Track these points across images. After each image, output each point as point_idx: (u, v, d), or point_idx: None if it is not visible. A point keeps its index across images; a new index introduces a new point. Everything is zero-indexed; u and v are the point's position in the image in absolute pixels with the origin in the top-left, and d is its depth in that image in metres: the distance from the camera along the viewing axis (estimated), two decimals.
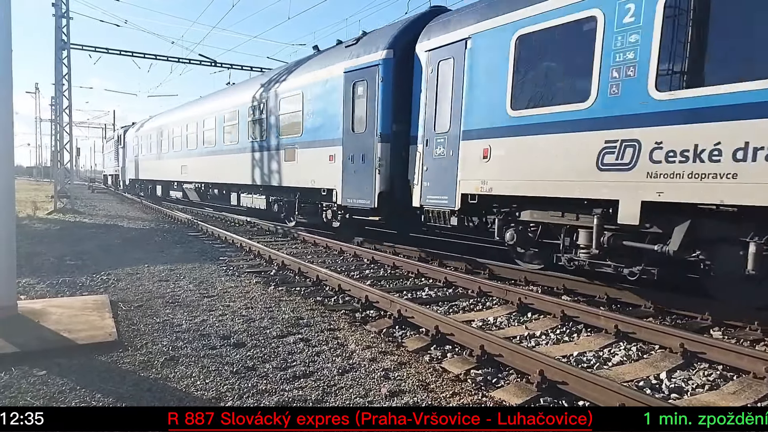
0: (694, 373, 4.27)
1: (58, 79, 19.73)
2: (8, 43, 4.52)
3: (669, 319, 5.91)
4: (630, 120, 5.61)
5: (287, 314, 5.46)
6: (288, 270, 8.25)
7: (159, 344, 4.34)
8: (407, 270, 8.32)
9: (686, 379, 4.14)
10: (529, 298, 6.18)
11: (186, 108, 21.77)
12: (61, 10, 19.19)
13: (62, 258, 8.56)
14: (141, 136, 26.80)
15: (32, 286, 6.41)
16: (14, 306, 4.74)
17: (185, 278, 7.26)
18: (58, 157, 20.95)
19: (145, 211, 20.87)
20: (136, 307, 5.56)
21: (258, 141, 14.00)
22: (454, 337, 4.77)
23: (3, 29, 4.45)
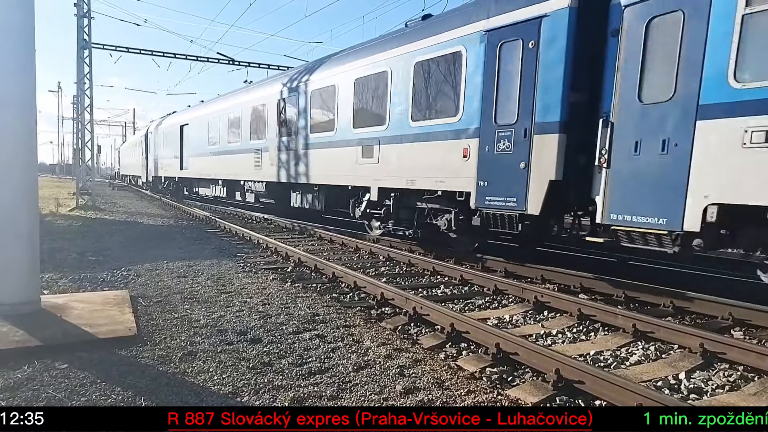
0: (714, 374, 4.20)
1: (80, 77, 20.09)
2: (31, 43, 4.61)
3: (688, 318, 5.83)
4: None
5: (303, 310, 5.50)
6: (304, 267, 8.31)
7: (177, 339, 4.41)
8: (423, 267, 8.32)
9: (706, 379, 4.09)
10: (545, 296, 6.14)
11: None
12: (83, 10, 19.52)
13: (84, 254, 8.72)
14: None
15: (55, 281, 6.55)
16: (38, 301, 4.85)
17: (203, 274, 7.34)
18: (80, 154, 21.33)
19: (164, 208, 21.14)
20: (155, 303, 5.64)
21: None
22: (469, 335, 4.76)
23: (26, 30, 4.54)
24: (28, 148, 4.65)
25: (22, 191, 4.59)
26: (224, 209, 20.23)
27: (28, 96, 4.59)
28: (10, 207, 4.52)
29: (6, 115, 4.44)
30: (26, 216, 4.64)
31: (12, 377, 3.46)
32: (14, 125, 4.49)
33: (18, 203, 4.56)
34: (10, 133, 4.47)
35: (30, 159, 4.69)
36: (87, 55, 20.00)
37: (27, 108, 4.59)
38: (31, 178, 4.71)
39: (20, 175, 4.56)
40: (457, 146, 8.23)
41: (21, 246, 4.60)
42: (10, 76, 4.44)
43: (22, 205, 4.59)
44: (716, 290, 6.16)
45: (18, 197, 4.55)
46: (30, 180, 4.70)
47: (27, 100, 4.58)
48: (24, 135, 4.58)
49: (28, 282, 4.71)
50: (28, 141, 4.66)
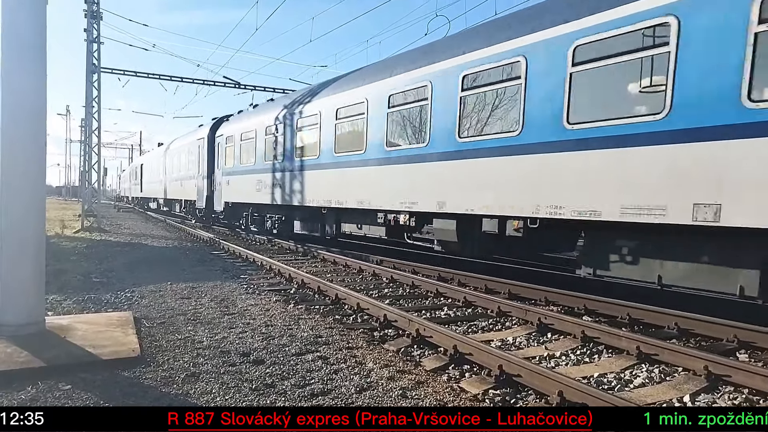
0: (719, 397, 4.16)
1: (89, 101, 20.40)
2: (43, 64, 4.72)
3: (693, 340, 5.79)
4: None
5: (306, 332, 5.50)
6: (307, 288, 8.31)
7: (180, 360, 4.41)
8: (426, 289, 8.31)
9: (710, 402, 4.05)
10: (549, 318, 6.12)
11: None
12: (93, 36, 19.92)
13: (88, 275, 8.76)
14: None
15: (59, 302, 6.57)
16: (42, 322, 4.87)
17: (207, 296, 7.36)
18: (86, 177, 21.53)
19: (168, 230, 21.23)
20: (158, 324, 5.66)
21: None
22: (472, 357, 4.74)
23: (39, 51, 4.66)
24: (37, 170, 4.74)
25: (30, 213, 4.65)
26: (222, 230, 20.26)
27: (40, 118, 4.70)
28: (18, 228, 4.58)
29: (17, 136, 4.53)
30: (33, 237, 4.70)
31: (16, 398, 3.47)
32: (25, 146, 4.58)
33: (26, 224, 4.62)
34: (21, 153, 4.56)
35: (39, 180, 4.77)
36: (96, 79, 20.34)
37: (38, 130, 4.69)
38: (39, 200, 4.78)
39: (29, 197, 4.63)
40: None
41: (27, 267, 4.64)
42: (23, 96, 4.55)
43: (29, 226, 4.65)
44: (721, 312, 6.13)
45: (26, 218, 4.62)
46: (38, 202, 4.77)
47: (38, 122, 4.69)
48: (34, 156, 4.67)
49: (33, 303, 4.74)
50: (38, 163, 4.75)
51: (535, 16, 7.55)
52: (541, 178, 7.09)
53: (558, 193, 6.86)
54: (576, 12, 6.73)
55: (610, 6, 6.31)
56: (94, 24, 19.81)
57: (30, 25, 4.59)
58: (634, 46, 6.07)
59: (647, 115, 5.95)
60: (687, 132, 5.57)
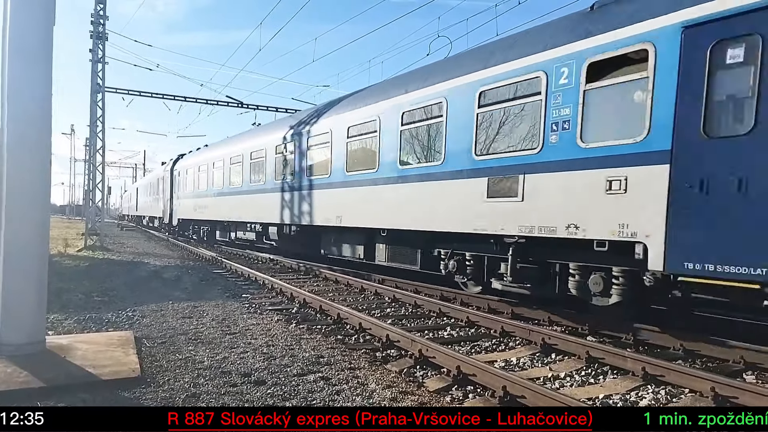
0: None
1: (93, 120, 20.59)
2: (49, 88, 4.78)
3: (699, 361, 5.72)
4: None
5: (308, 352, 5.46)
6: (309, 308, 8.26)
7: (181, 381, 4.37)
8: (429, 309, 8.25)
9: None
10: (552, 338, 6.07)
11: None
12: (98, 56, 20.17)
13: (90, 294, 8.73)
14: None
15: (60, 321, 6.55)
16: (43, 341, 4.84)
17: (208, 315, 7.32)
18: (90, 195, 21.61)
19: (170, 248, 21.23)
20: (159, 344, 5.62)
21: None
22: (476, 378, 4.69)
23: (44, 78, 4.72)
24: (42, 189, 4.77)
25: (34, 233, 4.67)
26: (225, 248, 20.26)
27: (45, 137, 4.74)
28: (21, 248, 4.58)
29: (24, 158, 4.58)
30: (36, 257, 4.70)
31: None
32: (32, 167, 4.62)
33: (29, 245, 4.63)
34: (27, 174, 4.59)
35: (44, 200, 4.80)
36: (100, 98, 20.55)
37: (43, 151, 4.73)
38: (43, 221, 4.80)
39: (33, 217, 4.64)
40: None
41: (29, 287, 4.64)
42: (29, 116, 4.60)
43: (33, 246, 4.67)
44: (726, 333, 6.06)
45: (30, 239, 4.63)
46: (42, 222, 4.78)
47: (43, 144, 4.72)
48: (39, 176, 4.70)
49: (34, 322, 4.73)
50: (43, 182, 4.78)
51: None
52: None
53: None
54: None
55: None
56: (100, 45, 20.08)
57: (38, 46, 4.66)
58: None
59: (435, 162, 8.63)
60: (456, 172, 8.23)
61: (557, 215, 6.61)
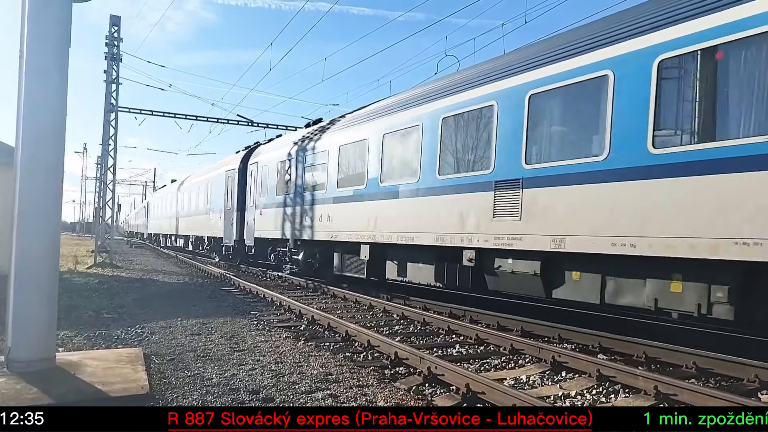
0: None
1: (105, 139, 20.84)
2: (63, 107, 4.87)
3: (713, 380, 5.63)
4: None
5: (316, 369, 5.44)
6: (318, 325, 8.25)
7: (189, 398, 4.37)
8: (438, 326, 8.21)
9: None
10: (563, 356, 6.01)
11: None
12: (112, 77, 20.51)
13: (99, 311, 8.77)
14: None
15: (70, 338, 6.58)
16: (53, 358, 4.86)
17: (216, 332, 7.33)
18: (101, 213, 21.81)
19: (179, 266, 21.31)
20: (168, 361, 5.62)
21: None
22: (485, 396, 4.64)
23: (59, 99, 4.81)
24: (54, 208, 4.83)
25: (45, 251, 4.72)
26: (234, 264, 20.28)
27: (58, 159, 4.81)
28: (32, 266, 4.63)
29: (37, 177, 4.65)
30: (47, 275, 4.74)
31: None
32: (45, 185, 4.69)
33: (40, 262, 4.67)
34: (40, 192, 4.66)
35: (55, 218, 4.86)
36: (113, 118, 20.84)
37: (56, 170, 4.80)
38: (54, 239, 4.86)
39: (44, 236, 4.70)
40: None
41: (40, 304, 4.67)
42: (44, 140, 4.68)
43: (43, 264, 4.71)
44: (740, 351, 5.98)
45: (41, 256, 4.67)
46: (53, 240, 4.84)
47: (56, 163, 4.79)
48: (52, 194, 4.77)
49: (44, 339, 4.74)
50: (55, 200, 4.85)
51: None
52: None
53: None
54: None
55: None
56: (114, 66, 20.42)
57: (53, 66, 4.75)
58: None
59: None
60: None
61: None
